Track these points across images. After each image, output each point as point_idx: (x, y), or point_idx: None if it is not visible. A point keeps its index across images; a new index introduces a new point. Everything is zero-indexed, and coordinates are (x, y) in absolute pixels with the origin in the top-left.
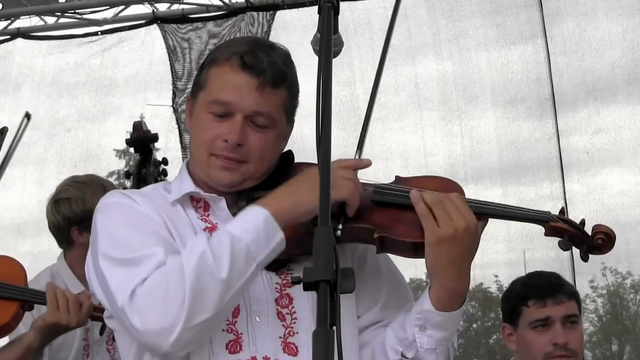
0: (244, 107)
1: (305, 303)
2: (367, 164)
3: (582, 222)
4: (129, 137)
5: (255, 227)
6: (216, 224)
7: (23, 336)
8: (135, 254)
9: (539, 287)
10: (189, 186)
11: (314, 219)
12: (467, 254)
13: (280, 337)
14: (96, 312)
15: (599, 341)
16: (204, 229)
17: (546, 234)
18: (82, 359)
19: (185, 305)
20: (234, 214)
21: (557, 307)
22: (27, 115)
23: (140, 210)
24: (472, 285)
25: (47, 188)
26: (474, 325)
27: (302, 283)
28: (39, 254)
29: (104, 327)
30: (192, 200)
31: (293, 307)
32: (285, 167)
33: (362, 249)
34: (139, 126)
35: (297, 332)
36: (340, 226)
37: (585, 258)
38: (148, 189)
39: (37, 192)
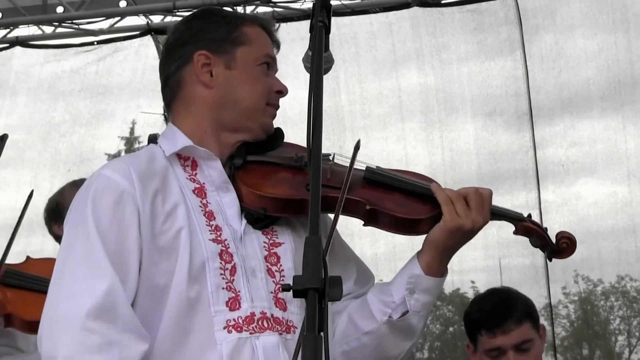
0: (276, 65)
1: (289, 262)
2: None
3: (545, 229)
4: (123, 148)
5: None
6: (204, 184)
7: None
8: (108, 266)
9: (488, 316)
10: (184, 140)
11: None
12: (468, 241)
13: (271, 292)
14: None
15: (570, 345)
16: (192, 190)
17: (515, 233)
18: None
19: None
20: (228, 175)
21: (506, 337)
22: (2, 137)
23: (132, 208)
24: (449, 290)
25: (40, 191)
26: (451, 329)
27: (291, 290)
28: (31, 254)
29: None
30: (180, 158)
31: (281, 264)
32: (277, 140)
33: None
34: (154, 138)
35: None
36: None
37: (550, 259)
38: (142, 156)
39: None
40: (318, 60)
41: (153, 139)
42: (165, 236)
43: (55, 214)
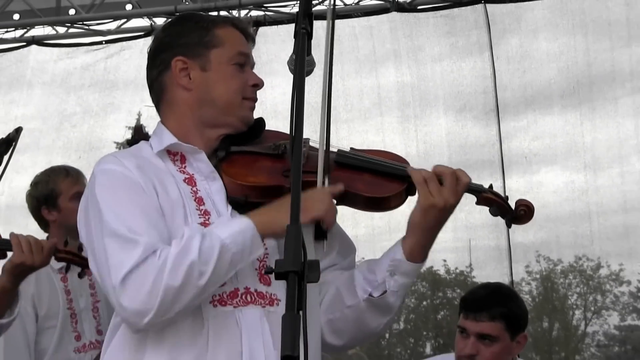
0: (252, 59)
1: (273, 241)
2: (340, 189)
3: (506, 197)
4: (129, 137)
5: (243, 239)
6: (193, 174)
7: None
8: (133, 235)
9: (472, 301)
10: (170, 138)
11: (286, 170)
12: (444, 222)
13: (256, 269)
14: (61, 254)
15: (532, 319)
16: (183, 180)
17: (477, 203)
18: (70, 325)
19: (162, 299)
20: (214, 166)
21: (474, 323)
22: (17, 130)
23: (135, 181)
24: (423, 268)
25: None
26: (424, 303)
27: (273, 273)
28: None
29: (68, 267)
30: (169, 154)
31: (264, 243)
32: (258, 130)
33: None
34: (139, 130)
35: (271, 265)
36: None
37: (509, 225)
38: (133, 151)
39: None
40: (301, 64)
41: (139, 129)
42: (165, 218)
43: (48, 200)
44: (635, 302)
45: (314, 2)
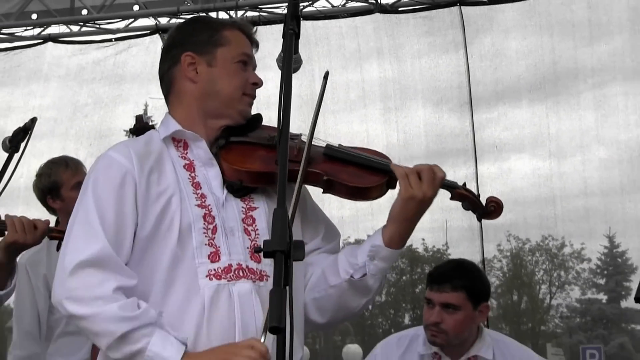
0: (254, 61)
1: (264, 222)
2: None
3: (478, 195)
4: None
5: None
6: (193, 160)
7: None
8: (100, 227)
9: (436, 274)
10: (176, 126)
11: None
12: (421, 214)
13: (247, 248)
14: (53, 233)
15: (503, 292)
16: (183, 166)
17: (451, 198)
18: None
19: (82, 315)
20: (214, 154)
21: (438, 294)
22: (33, 120)
23: (129, 176)
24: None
25: None
26: (404, 278)
27: (262, 252)
28: None
29: (59, 245)
30: (174, 140)
31: (256, 225)
32: (255, 124)
33: (303, 194)
34: (140, 118)
35: (260, 245)
36: None
37: (480, 219)
38: (142, 140)
39: None
40: (288, 62)
41: (140, 118)
42: (158, 204)
43: (52, 190)
44: (595, 277)
45: (301, 4)
